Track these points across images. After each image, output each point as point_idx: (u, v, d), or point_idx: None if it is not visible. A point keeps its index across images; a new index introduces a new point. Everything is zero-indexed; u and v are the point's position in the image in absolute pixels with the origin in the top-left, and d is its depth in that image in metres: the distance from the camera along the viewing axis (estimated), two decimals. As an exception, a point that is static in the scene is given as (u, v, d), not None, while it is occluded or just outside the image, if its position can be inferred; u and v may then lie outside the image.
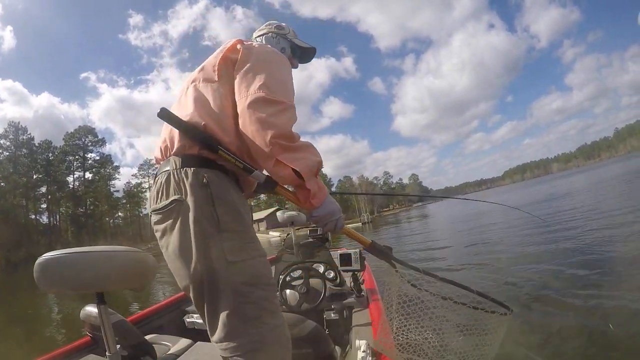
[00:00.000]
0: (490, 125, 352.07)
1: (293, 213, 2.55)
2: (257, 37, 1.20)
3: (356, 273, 1.82)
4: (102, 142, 51.57)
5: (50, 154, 47.84)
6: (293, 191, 0.91)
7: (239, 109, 0.84)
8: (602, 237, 5.28)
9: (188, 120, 0.84)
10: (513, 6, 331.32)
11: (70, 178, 48.75)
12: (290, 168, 0.81)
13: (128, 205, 53.00)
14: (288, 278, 1.79)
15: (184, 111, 0.87)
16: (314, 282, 1.76)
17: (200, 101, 0.88)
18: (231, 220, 0.81)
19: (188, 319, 1.87)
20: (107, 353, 0.89)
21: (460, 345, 0.94)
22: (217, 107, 0.87)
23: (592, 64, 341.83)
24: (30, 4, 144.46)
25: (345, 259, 1.83)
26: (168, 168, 0.84)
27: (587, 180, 24.90)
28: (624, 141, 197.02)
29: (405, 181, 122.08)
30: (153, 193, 0.86)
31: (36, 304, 9.12)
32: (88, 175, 49.74)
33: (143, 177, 53.75)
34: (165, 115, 0.84)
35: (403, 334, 0.98)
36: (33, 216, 44.95)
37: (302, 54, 1.25)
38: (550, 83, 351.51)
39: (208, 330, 0.81)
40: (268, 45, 1.06)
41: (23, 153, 45.00)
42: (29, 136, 46.43)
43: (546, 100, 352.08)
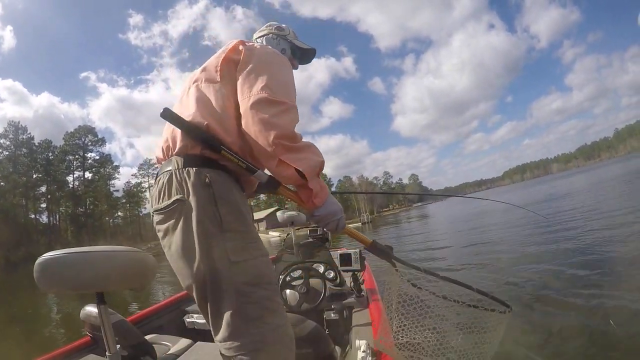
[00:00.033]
0: (490, 125, 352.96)
1: (293, 213, 2.55)
2: (258, 38, 1.20)
3: (356, 273, 1.82)
4: (102, 142, 51.66)
5: (50, 154, 47.84)
6: (295, 191, 0.91)
7: (242, 110, 0.84)
8: (603, 237, 5.29)
9: (190, 120, 0.84)
10: (513, 6, 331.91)
11: (70, 178, 48.82)
12: (293, 168, 0.82)
13: (128, 205, 52.99)
14: (288, 278, 1.79)
15: (186, 111, 0.87)
16: (314, 282, 1.76)
17: (202, 101, 0.88)
18: (234, 220, 0.81)
19: (188, 319, 1.88)
20: (107, 353, 0.89)
21: (460, 343, 0.94)
22: (220, 107, 0.87)
23: (592, 65, 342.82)
24: (30, 4, 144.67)
25: (345, 259, 1.83)
26: (170, 168, 0.84)
27: (587, 180, 24.92)
28: (624, 142, 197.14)
29: (405, 181, 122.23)
30: (155, 193, 0.86)
31: (36, 304, 9.12)
32: (88, 174, 49.81)
33: (143, 177, 53.80)
34: (168, 115, 0.85)
35: (403, 333, 0.98)
36: (33, 216, 44.97)
37: (302, 55, 1.26)
38: (550, 83, 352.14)
39: (211, 329, 0.82)
40: (269, 46, 1.07)
41: (23, 152, 44.98)
42: (29, 136, 46.49)
43: (546, 100, 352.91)
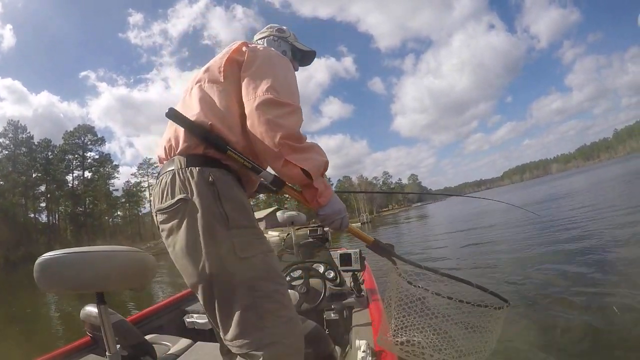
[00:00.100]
0: (489, 125, 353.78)
1: (293, 213, 2.54)
2: (259, 40, 1.21)
3: (356, 273, 1.82)
4: (102, 141, 51.53)
5: (49, 153, 47.74)
6: (299, 190, 0.92)
7: (247, 111, 0.85)
8: (603, 237, 5.29)
9: (194, 120, 0.85)
10: (513, 7, 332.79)
11: (69, 177, 48.72)
12: (299, 168, 0.83)
13: (127, 204, 52.93)
14: (288, 278, 1.79)
15: (190, 111, 0.87)
16: (314, 282, 1.76)
17: (205, 101, 0.89)
18: (239, 216, 0.82)
19: (188, 319, 1.87)
20: (107, 353, 0.89)
21: (459, 339, 0.95)
22: (223, 108, 0.88)
23: (592, 65, 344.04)
24: (30, 3, 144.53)
25: (345, 259, 1.83)
26: (172, 167, 0.84)
27: (587, 181, 24.94)
28: (623, 142, 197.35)
29: (404, 181, 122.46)
30: (157, 192, 0.86)
31: (35, 304, 9.11)
32: (87, 174, 49.65)
33: (142, 176, 53.70)
34: (173, 115, 0.85)
35: (403, 331, 0.99)
36: (32, 215, 44.89)
37: (302, 57, 1.27)
38: (550, 84, 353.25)
39: (220, 328, 0.81)
40: (271, 48, 1.07)
41: (22, 152, 44.87)
42: (28, 135, 46.38)
43: (546, 101, 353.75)
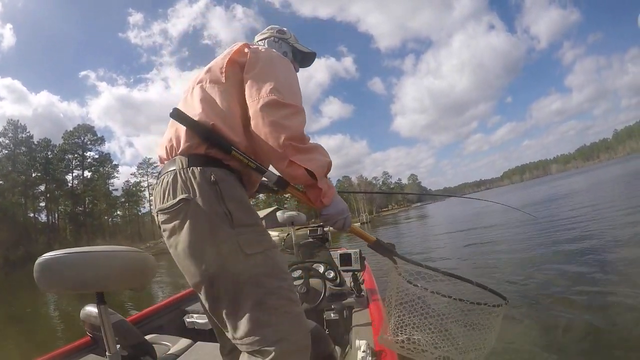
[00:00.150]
0: (489, 126, 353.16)
1: (293, 213, 2.54)
2: (260, 41, 1.21)
3: (356, 273, 1.83)
4: (101, 141, 51.41)
5: (49, 152, 47.63)
6: (303, 191, 0.93)
7: (251, 111, 0.85)
8: (603, 238, 5.30)
9: (197, 120, 0.85)
10: (513, 7, 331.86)
11: (69, 176, 48.57)
12: (303, 168, 0.83)
13: (127, 204, 52.89)
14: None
15: (192, 111, 0.87)
16: (314, 282, 1.76)
17: (207, 101, 0.89)
18: (243, 215, 0.82)
19: (188, 319, 1.87)
20: (107, 353, 0.88)
21: (459, 337, 0.96)
22: (225, 108, 0.88)
23: (592, 66, 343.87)
24: (30, 2, 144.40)
25: (345, 259, 1.83)
26: (174, 167, 0.84)
27: (587, 181, 24.93)
28: (623, 143, 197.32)
29: (404, 181, 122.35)
30: (158, 193, 0.86)
31: (35, 303, 9.11)
32: (87, 173, 49.51)
33: (142, 176, 53.64)
34: (177, 115, 0.85)
35: (403, 329, 1.00)
36: (32, 214, 44.80)
37: (303, 59, 1.27)
38: (549, 84, 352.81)
39: (228, 327, 0.80)
40: (273, 49, 1.07)
41: (22, 151, 44.78)
42: (28, 134, 46.24)
43: (546, 101, 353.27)
